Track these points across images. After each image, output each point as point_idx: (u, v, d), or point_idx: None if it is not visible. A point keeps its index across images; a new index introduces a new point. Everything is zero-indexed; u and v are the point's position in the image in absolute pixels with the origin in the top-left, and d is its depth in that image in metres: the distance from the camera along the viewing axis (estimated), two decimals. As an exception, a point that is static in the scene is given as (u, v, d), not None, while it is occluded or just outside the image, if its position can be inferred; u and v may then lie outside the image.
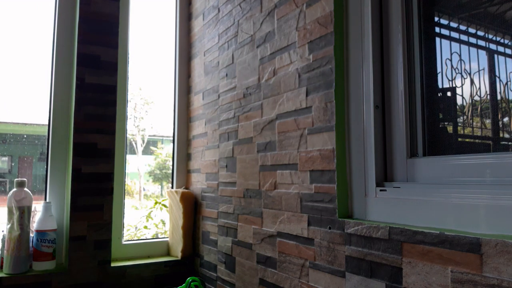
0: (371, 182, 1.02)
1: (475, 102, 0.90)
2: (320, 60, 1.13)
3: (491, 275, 0.70)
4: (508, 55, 0.88)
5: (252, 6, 1.50)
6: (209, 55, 1.83)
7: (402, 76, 1.01)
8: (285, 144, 1.26)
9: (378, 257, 0.91)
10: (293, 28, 1.25)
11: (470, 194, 0.81)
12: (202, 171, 1.82)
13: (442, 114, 0.97)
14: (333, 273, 1.04)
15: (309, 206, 1.14)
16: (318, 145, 1.12)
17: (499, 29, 0.87)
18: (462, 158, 0.87)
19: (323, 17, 1.12)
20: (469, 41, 0.93)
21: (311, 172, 1.15)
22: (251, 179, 1.43)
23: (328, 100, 1.09)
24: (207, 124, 1.80)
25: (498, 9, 0.87)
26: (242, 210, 1.48)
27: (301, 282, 1.15)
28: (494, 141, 0.86)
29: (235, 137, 1.56)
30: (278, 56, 1.32)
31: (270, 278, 1.29)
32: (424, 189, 0.90)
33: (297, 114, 1.21)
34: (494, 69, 0.89)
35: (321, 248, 1.08)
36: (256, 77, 1.44)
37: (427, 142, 1.00)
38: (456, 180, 0.87)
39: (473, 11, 0.91)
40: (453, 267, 0.76)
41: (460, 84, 0.94)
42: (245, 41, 1.53)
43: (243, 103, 1.52)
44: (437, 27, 1.00)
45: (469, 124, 0.91)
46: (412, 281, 0.83)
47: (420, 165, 0.96)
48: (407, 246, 0.85)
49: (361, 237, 0.96)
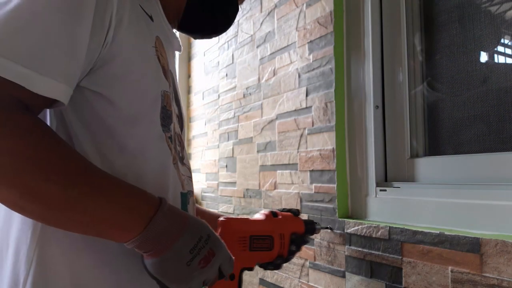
0: (371, 182, 1.02)
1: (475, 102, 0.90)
2: (320, 60, 1.13)
3: (491, 275, 0.70)
4: (508, 54, 0.88)
5: (252, 6, 1.50)
6: (209, 55, 1.83)
7: (402, 76, 1.01)
8: (285, 144, 1.26)
9: (378, 257, 0.91)
10: (293, 28, 1.25)
11: (470, 194, 0.81)
12: (202, 171, 1.82)
13: (443, 114, 0.97)
14: (333, 273, 1.04)
15: (309, 206, 1.14)
16: (318, 145, 1.12)
17: (499, 31, 0.87)
18: (462, 158, 0.87)
19: (323, 17, 1.12)
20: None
21: (311, 172, 1.15)
22: (251, 179, 1.43)
23: (328, 100, 1.09)
24: (207, 124, 1.80)
25: (497, 9, 0.87)
26: (242, 210, 1.48)
27: (301, 282, 1.15)
28: (494, 141, 0.86)
29: (235, 137, 1.56)
30: (278, 56, 1.32)
31: (270, 278, 1.29)
32: (424, 189, 0.90)
33: (297, 114, 1.21)
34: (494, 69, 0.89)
35: (321, 248, 1.09)
36: (256, 77, 1.44)
37: (428, 142, 1.00)
38: (456, 180, 0.87)
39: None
40: (453, 267, 0.76)
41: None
42: (245, 41, 1.53)
43: (243, 103, 1.52)
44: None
45: (469, 123, 0.91)
46: (412, 281, 0.83)
47: (420, 165, 0.96)
48: (407, 246, 0.85)
49: (361, 237, 0.96)
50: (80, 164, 0.50)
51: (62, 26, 0.49)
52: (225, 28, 0.81)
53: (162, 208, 0.52)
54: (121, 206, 0.50)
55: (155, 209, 0.52)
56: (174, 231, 0.52)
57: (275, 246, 0.83)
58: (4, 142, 0.45)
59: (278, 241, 0.84)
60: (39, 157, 0.47)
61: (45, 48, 0.48)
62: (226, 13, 0.78)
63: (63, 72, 0.49)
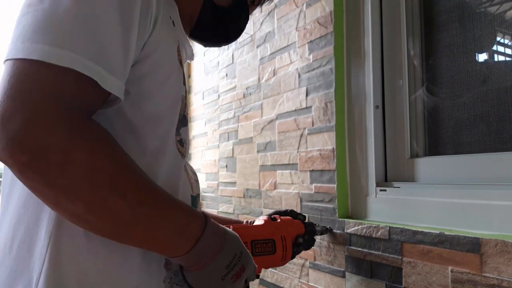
0: (371, 182, 1.02)
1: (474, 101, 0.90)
2: (320, 60, 1.13)
3: (491, 275, 0.70)
4: (508, 54, 0.88)
5: (252, 6, 1.50)
6: (209, 55, 1.83)
7: (402, 76, 1.01)
8: (285, 144, 1.26)
9: (378, 257, 0.91)
10: (293, 28, 1.25)
11: (470, 194, 0.81)
12: (202, 171, 1.82)
13: (443, 114, 0.97)
14: (333, 273, 1.04)
15: (309, 206, 1.14)
16: (318, 145, 1.12)
17: (499, 31, 0.87)
18: (462, 158, 0.87)
19: (323, 17, 1.12)
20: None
21: (311, 172, 1.15)
22: (251, 179, 1.43)
23: (328, 100, 1.09)
24: (207, 124, 1.80)
25: (497, 9, 0.87)
26: (242, 210, 1.48)
27: (301, 282, 1.15)
28: (494, 141, 0.86)
29: (235, 137, 1.56)
30: (278, 56, 1.32)
31: (270, 278, 1.29)
32: (424, 189, 0.90)
33: (297, 114, 1.21)
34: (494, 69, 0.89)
35: (321, 248, 1.09)
36: (256, 77, 1.44)
37: (428, 142, 1.00)
38: (456, 180, 0.87)
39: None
40: (453, 267, 0.76)
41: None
42: (245, 41, 1.53)
43: (243, 103, 1.52)
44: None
45: (469, 123, 0.91)
46: (412, 281, 0.83)
47: (420, 165, 0.96)
48: (407, 246, 0.85)
49: (361, 237, 0.96)
50: (145, 180, 0.51)
51: (120, 26, 0.48)
52: (236, 37, 0.81)
53: (207, 229, 0.56)
54: (175, 226, 0.53)
55: (202, 228, 0.55)
56: (215, 248, 0.56)
57: (278, 249, 0.84)
58: (79, 155, 0.44)
59: (280, 243, 0.84)
60: (116, 173, 0.47)
61: (108, 46, 0.47)
62: (237, 22, 0.78)
63: (122, 71, 0.49)
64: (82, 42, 0.45)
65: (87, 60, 0.45)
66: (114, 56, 0.48)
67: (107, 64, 0.47)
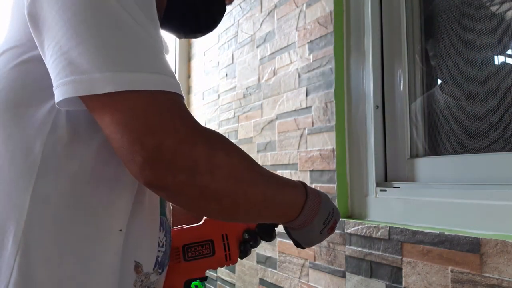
0: (371, 182, 1.02)
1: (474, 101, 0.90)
2: (320, 60, 1.13)
3: (491, 275, 0.70)
4: (509, 55, 0.88)
5: (252, 6, 1.50)
6: (209, 55, 1.83)
7: (402, 76, 1.01)
8: (285, 144, 1.26)
9: (378, 257, 0.91)
10: (293, 28, 1.25)
11: (470, 194, 0.81)
12: (202, 171, 1.82)
13: (443, 114, 0.97)
14: (333, 273, 1.04)
15: (309, 206, 1.14)
16: (318, 145, 1.12)
17: (499, 31, 0.87)
18: (462, 158, 0.87)
19: (323, 17, 1.12)
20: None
21: (311, 172, 1.15)
22: (251, 179, 1.43)
23: (328, 100, 1.09)
24: (207, 124, 1.80)
25: (497, 9, 0.87)
26: (242, 210, 1.48)
27: (301, 282, 1.15)
28: (494, 141, 0.86)
29: (235, 137, 1.56)
30: (278, 56, 1.32)
31: (270, 278, 1.29)
32: (424, 189, 0.90)
33: (297, 114, 1.21)
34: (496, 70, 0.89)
35: (321, 248, 1.09)
36: (256, 77, 1.44)
37: (428, 142, 1.00)
38: (456, 180, 0.87)
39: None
40: (453, 267, 0.76)
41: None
42: (245, 41, 1.53)
43: (243, 103, 1.52)
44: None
45: (469, 123, 0.91)
46: (412, 281, 0.83)
47: (420, 165, 0.96)
48: (407, 246, 0.85)
49: (361, 237, 0.96)
50: (259, 165, 0.58)
51: (156, 31, 0.50)
52: (210, 27, 0.77)
53: (309, 196, 0.64)
54: (290, 201, 0.62)
55: (305, 197, 0.64)
56: (314, 209, 0.65)
57: (218, 250, 0.74)
58: (220, 158, 0.49)
59: (220, 243, 0.75)
60: (247, 165, 0.54)
61: (164, 58, 0.49)
62: (210, 12, 0.75)
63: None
64: (159, 63, 0.48)
65: (171, 78, 0.48)
66: (165, 62, 0.50)
67: (172, 74, 0.50)
